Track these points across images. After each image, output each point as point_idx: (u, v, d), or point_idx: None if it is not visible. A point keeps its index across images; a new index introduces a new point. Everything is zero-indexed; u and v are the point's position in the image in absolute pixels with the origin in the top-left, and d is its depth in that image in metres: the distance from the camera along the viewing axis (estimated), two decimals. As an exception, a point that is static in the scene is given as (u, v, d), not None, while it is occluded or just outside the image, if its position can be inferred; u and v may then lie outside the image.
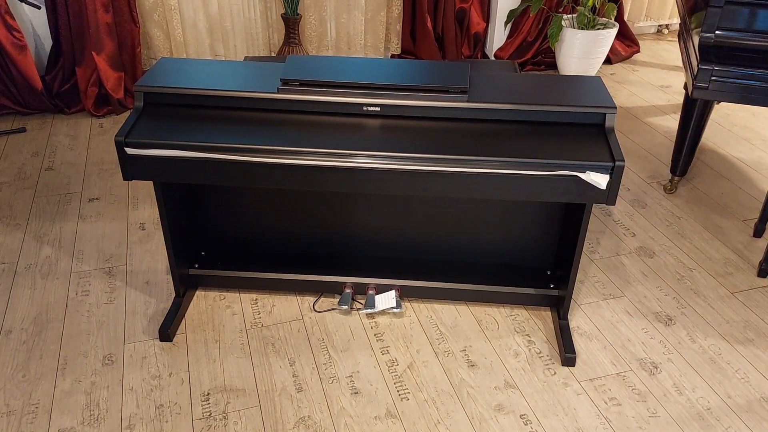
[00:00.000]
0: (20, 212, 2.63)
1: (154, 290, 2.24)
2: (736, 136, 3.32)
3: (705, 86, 2.30)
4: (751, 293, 2.29)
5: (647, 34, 4.62)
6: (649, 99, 3.72)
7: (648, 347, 2.06)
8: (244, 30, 3.73)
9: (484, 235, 2.17)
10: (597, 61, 3.83)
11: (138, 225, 2.57)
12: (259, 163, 1.70)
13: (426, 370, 1.96)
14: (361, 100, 1.77)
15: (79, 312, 2.15)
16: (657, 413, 1.84)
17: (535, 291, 2.13)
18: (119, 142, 1.69)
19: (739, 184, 2.92)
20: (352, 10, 3.82)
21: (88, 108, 3.36)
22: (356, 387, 1.90)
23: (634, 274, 2.37)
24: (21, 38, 3.15)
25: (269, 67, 1.92)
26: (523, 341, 2.07)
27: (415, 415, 1.82)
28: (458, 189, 1.72)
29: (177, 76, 1.85)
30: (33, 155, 3.04)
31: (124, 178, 1.76)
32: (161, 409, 1.82)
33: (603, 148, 1.69)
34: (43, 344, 2.02)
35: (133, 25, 3.33)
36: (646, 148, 3.21)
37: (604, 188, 1.67)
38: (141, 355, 1.99)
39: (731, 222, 2.66)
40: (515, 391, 1.90)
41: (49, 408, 1.82)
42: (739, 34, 2.29)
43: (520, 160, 1.66)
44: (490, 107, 1.76)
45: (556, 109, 1.76)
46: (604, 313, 2.19)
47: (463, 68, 1.86)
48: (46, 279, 2.28)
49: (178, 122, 1.76)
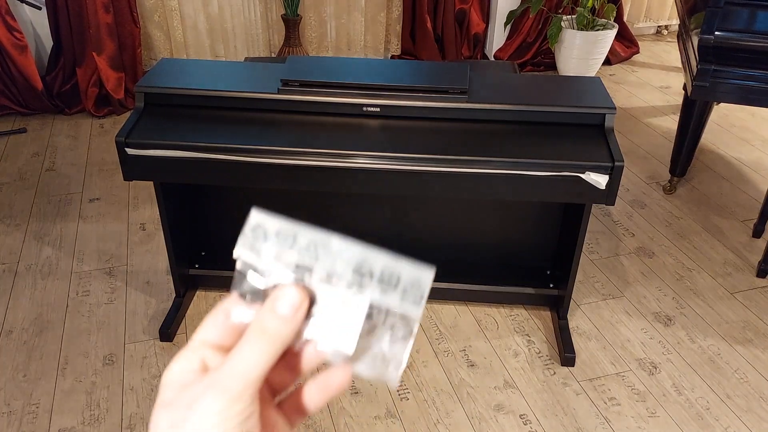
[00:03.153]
0: (21, 212, 2.64)
1: (154, 290, 2.25)
2: (735, 136, 3.33)
3: (704, 87, 2.30)
4: (750, 293, 2.30)
5: (647, 35, 4.63)
6: (648, 100, 3.72)
7: (647, 347, 2.06)
8: (245, 31, 3.73)
9: (483, 235, 2.17)
10: (596, 62, 3.83)
11: (138, 225, 2.57)
12: (260, 163, 1.71)
13: (426, 370, 1.97)
14: (361, 101, 1.77)
15: (79, 312, 2.15)
16: (656, 413, 1.85)
17: (535, 291, 2.14)
18: (120, 142, 1.70)
19: (738, 184, 2.93)
20: (352, 11, 3.83)
21: (88, 108, 3.36)
22: (356, 387, 1.90)
23: (634, 275, 2.37)
24: (21, 38, 3.15)
25: (269, 68, 1.92)
26: (523, 341, 2.07)
27: (415, 415, 1.82)
28: (458, 189, 1.72)
29: (177, 76, 1.86)
30: (33, 156, 3.05)
31: (125, 179, 1.76)
32: (162, 409, 1.82)
33: (602, 148, 1.70)
34: (44, 344, 2.02)
35: (134, 26, 3.34)
36: (646, 149, 3.21)
37: (603, 188, 1.68)
38: (141, 355, 1.99)
39: (730, 222, 2.67)
40: (515, 390, 1.90)
41: (49, 408, 1.82)
42: (738, 34, 2.29)
43: (519, 160, 1.66)
44: (490, 108, 1.76)
45: (555, 110, 1.76)
46: (604, 313, 2.20)
47: (463, 69, 1.86)
48: (46, 279, 2.29)
49: (179, 123, 1.76)
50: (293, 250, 0.37)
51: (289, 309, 0.36)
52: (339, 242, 0.37)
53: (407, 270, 0.36)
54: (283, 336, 0.37)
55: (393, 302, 0.37)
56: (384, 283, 0.36)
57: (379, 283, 0.36)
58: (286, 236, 0.37)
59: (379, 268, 0.36)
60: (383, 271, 0.36)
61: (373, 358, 0.38)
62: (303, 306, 0.37)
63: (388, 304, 0.37)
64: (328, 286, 0.37)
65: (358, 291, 0.37)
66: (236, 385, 0.35)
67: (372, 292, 0.37)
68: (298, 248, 0.37)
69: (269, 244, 0.37)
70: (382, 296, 0.37)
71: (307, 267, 0.37)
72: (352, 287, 0.37)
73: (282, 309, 0.36)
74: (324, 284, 0.37)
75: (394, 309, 0.37)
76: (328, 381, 0.40)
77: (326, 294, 0.37)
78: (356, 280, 0.37)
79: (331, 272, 0.37)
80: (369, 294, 0.37)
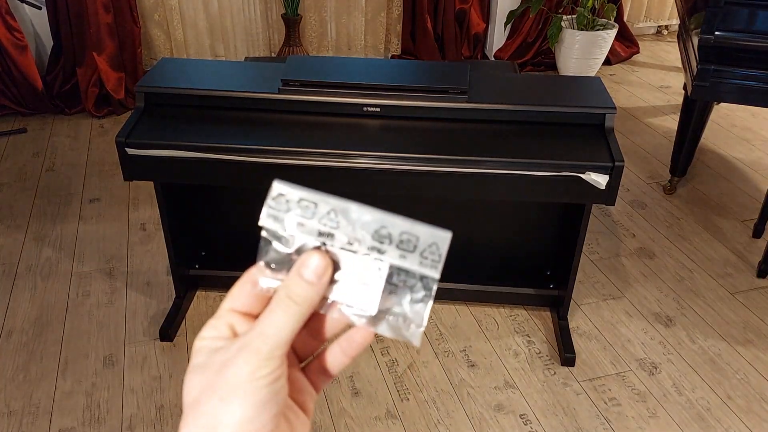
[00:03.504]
0: (21, 213, 2.64)
1: (154, 291, 2.25)
2: (736, 136, 3.32)
3: (704, 87, 2.30)
4: (751, 294, 2.30)
5: (647, 34, 4.63)
6: (648, 100, 3.72)
7: (648, 348, 2.06)
8: (245, 30, 3.73)
9: (483, 235, 2.17)
10: (596, 62, 3.83)
11: (139, 225, 2.57)
12: (260, 163, 1.70)
13: (426, 371, 1.96)
14: (361, 101, 1.77)
15: (79, 313, 2.15)
16: (657, 413, 1.85)
17: (535, 291, 2.14)
18: (120, 142, 1.69)
19: (739, 184, 2.93)
20: (353, 11, 3.83)
21: (88, 108, 3.36)
22: (356, 387, 1.90)
23: (634, 275, 2.37)
24: (21, 38, 3.15)
25: (270, 68, 1.92)
26: (523, 341, 2.07)
27: (416, 416, 1.82)
28: (458, 189, 1.72)
29: (178, 76, 1.86)
30: (34, 156, 3.05)
31: (125, 179, 1.76)
32: (162, 411, 1.82)
33: (602, 148, 1.69)
34: (44, 345, 2.02)
35: (134, 26, 3.34)
36: (646, 149, 3.21)
37: (603, 188, 1.67)
38: (142, 356, 1.99)
39: (731, 222, 2.66)
40: (515, 391, 1.90)
41: (49, 409, 1.82)
42: (738, 34, 2.29)
43: (519, 160, 1.66)
44: (490, 108, 1.76)
45: (555, 110, 1.76)
46: (604, 313, 2.20)
47: (463, 69, 1.86)
48: (46, 280, 2.29)
49: (179, 123, 1.76)
50: (315, 219, 0.39)
51: (314, 274, 0.38)
52: (358, 209, 0.38)
53: (424, 233, 0.38)
54: (309, 300, 0.38)
55: (412, 264, 0.38)
56: (402, 246, 0.38)
57: (397, 246, 0.38)
58: (307, 205, 0.39)
59: (398, 233, 0.38)
60: (401, 235, 0.38)
61: (395, 318, 0.40)
62: (327, 271, 0.39)
63: (408, 266, 0.38)
64: (349, 251, 0.39)
65: (379, 255, 0.38)
66: (266, 346, 0.37)
67: (391, 255, 0.38)
68: (319, 216, 0.39)
69: (292, 214, 0.39)
70: (401, 259, 0.38)
71: (329, 234, 0.39)
72: (373, 252, 0.38)
73: (308, 275, 0.38)
74: (346, 250, 0.39)
75: (413, 271, 0.38)
76: (350, 340, 0.42)
77: (348, 259, 0.39)
78: (376, 245, 0.38)
79: (351, 238, 0.38)
80: (389, 257, 0.38)
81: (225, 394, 0.37)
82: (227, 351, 0.38)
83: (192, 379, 0.39)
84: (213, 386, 0.37)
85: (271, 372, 0.37)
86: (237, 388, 0.36)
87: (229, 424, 0.36)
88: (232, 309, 0.41)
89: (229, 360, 0.37)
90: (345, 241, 0.38)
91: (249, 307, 0.41)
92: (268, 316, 0.38)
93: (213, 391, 0.37)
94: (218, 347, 0.39)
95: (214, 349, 0.39)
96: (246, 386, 0.36)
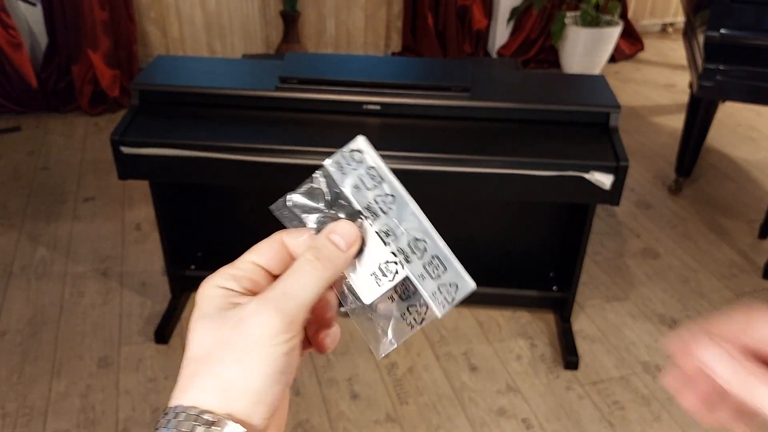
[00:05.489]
0: (15, 212, 2.60)
1: (149, 291, 2.21)
2: (741, 135, 3.29)
3: (710, 85, 2.26)
4: (757, 295, 2.26)
5: (652, 32, 4.59)
6: (653, 98, 3.69)
7: (652, 350, 2.03)
8: (242, 27, 3.69)
9: (485, 236, 2.14)
10: (601, 60, 3.79)
11: (134, 225, 2.54)
12: (257, 162, 1.67)
13: (426, 374, 1.93)
14: (360, 98, 1.73)
15: (74, 314, 2.11)
16: (660, 417, 1.81)
17: (538, 293, 2.10)
18: (115, 140, 1.66)
19: (745, 184, 2.89)
20: (352, 7, 3.79)
21: (83, 106, 3.32)
22: (355, 390, 1.87)
23: (638, 276, 2.34)
24: (16, 36, 3.11)
25: (267, 65, 1.89)
26: (526, 344, 2.04)
27: (416, 420, 1.79)
28: (459, 189, 1.69)
29: (173, 73, 1.82)
30: (28, 154, 3.01)
31: (120, 178, 1.73)
32: (157, 413, 1.79)
33: (607, 147, 1.66)
34: (38, 346, 1.99)
35: (130, 23, 3.30)
36: (651, 148, 3.17)
37: (608, 188, 1.64)
38: (137, 357, 1.96)
39: (736, 223, 2.63)
40: (517, 394, 1.87)
41: (44, 411, 1.79)
42: (744, 32, 2.25)
43: (522, 159, 1.62)
44: (493, 106, 1.73)
45: (559, 108, 1.72)
46: (608, 315, 2.16)
47: (465, 66, 1.82)
48: (40, 280, 2.25)
49: (175, 121, 1.72)
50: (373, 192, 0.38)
51: (344, 242, 0.38)
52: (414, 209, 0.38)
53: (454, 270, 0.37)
54: (337, 265, 0.38)
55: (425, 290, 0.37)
56: (428, 267, 0.37)
57: (424, 265, 0.37)
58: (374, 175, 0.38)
59: (432, 253, 0.37)
60: (434, 258, 0.37)
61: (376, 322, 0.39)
62: (357, 244, 0.38)
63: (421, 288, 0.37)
64: (381, 240, 0.38)
65: (404, 260, 0.38)
66: (291, 306, 0.36)
67: (414, 269, 0.38)
68: (378, 192, 0.38)
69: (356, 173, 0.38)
70: (419, 278, 0.37)
71: (375, 213, 0.38)
72: (400, 254, 0.38)
73: (339, 240, 0.38)
74: (379, 237, 0.38)
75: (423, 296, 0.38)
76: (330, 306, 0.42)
77: (375, 245, 0.38)
78: (407, 251, 0.38)
79: (391, 230, 0.38)
80: (410, 269, 0.38)
81: (241, 355, 0.35)
82: (245, 307, 0.37)
83: (203, 329, 0.37)
84: (229, 342, 0.36)
85: (291, 338, 0.36)
86: (254, 348, 0.35)
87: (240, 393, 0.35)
88: (255, 262, 0.39)
89: (249, 316, 0.36)
90: (384, 229, 0.37)
91: (272, 265, 0.40)
92: (294, 276, 0.37)
93: (230, 348, 0.35)
94: (235, 302, 0.37)
95: (231, 303, 0.37)
96: (264, 349, 0.35)
